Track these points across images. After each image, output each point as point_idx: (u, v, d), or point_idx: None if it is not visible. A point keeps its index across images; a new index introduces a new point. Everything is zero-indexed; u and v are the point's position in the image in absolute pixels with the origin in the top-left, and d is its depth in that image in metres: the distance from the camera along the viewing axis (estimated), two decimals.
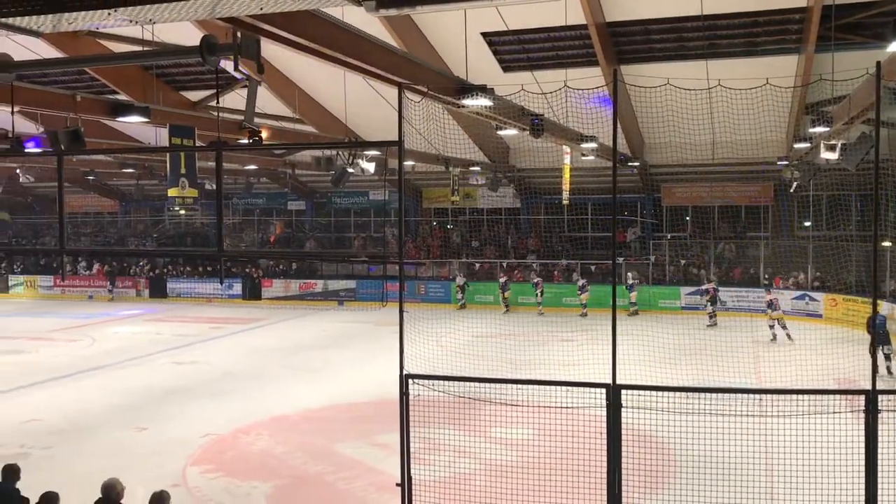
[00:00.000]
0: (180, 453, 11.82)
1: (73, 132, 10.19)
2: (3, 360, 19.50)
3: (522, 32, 19.04)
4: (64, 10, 4.42)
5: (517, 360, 17.10)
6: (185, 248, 35.08)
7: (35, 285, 34.19)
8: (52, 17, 4.56)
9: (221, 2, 4.25)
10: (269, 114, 21.58)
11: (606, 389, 6.69)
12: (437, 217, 34.56)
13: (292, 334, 23.90)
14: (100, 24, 4.83)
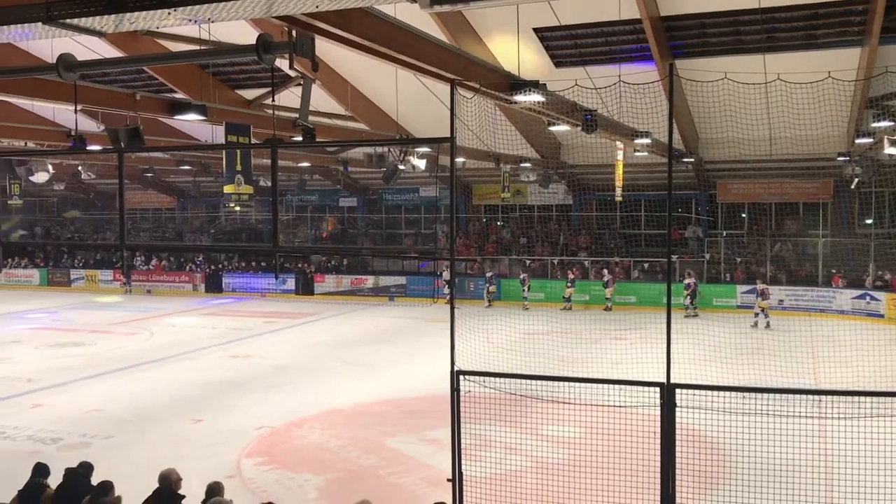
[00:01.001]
0: (235, 445, 12.04)
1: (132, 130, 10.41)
2: (66, 353, 20.09)
3: (575, 27, 18.86)
4: (125, 11, 4.53)
5: (568, 357, 16.98)
6: (241, 244, 35.68)
7: (95, 280, 35.15)
8: (115, 17, 4.67)
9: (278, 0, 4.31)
10: (322, 111, 21.80)
11: (660, 388, 6.60)
12: (488, 214, 34.50)
13: (344, 329, 24.12)
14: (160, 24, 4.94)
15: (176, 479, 6.73)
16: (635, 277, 27.94)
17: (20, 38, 5.77)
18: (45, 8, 4.73)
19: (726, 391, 7.08)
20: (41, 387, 16.10)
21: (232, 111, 17.77)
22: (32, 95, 12.62)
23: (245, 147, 14.85)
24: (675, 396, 6.61)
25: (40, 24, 4.85)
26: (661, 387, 6.61)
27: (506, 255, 30.99)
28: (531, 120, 20.70)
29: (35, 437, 12.52)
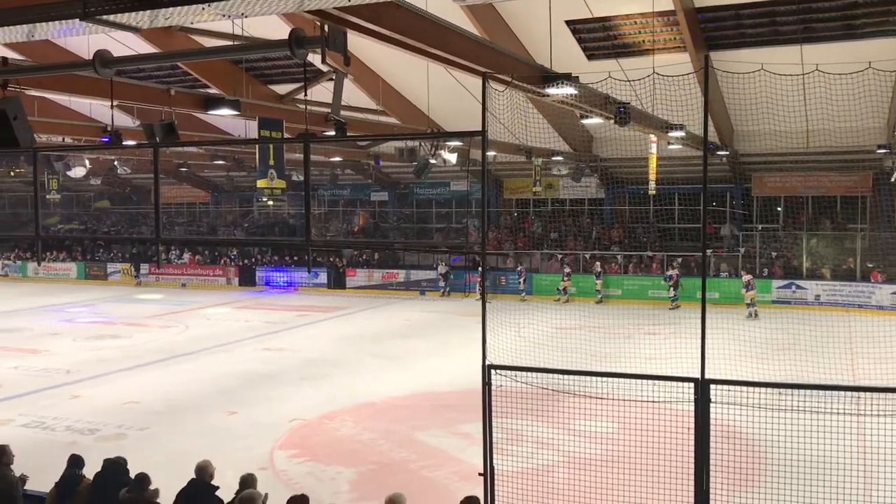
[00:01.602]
0: (268, 437, 12.15)
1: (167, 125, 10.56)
2: (103, 345, 20.42)
3: (608, 19, 18.71)
4: (160, 6, 4.57)
5: (601, 352, 16.87)
6: (275, 238, 36.00)
7: (131, 273, 35.67)
8: (150, 13, 4.72)
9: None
10: (353, 106, 21.87)
11: (695, 384, 6.52)
12: (519, 208, 34.40)
13: (375, 323, 24.22)
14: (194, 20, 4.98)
15: (211, 471, 6.81)
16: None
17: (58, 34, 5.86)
18: (82, 4, 4.79)
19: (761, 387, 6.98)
20: (79, 378, 16.39)
21: (265, 106, 17.89)
22: (70, 91, 12.81)
23: (278, 142, 14.95)
24: (710, 392, 6.53)
25: (77, 21, 4.92)
26: (696, 382, 6.53)
27: (537, 249, 30.88)
28: (563, 113, 20.56)
29: (73, 428, 12.75)
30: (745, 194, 29.60)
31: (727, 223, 29.56)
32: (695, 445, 6.60)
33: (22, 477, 7.23)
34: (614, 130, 18.58)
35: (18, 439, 10.94)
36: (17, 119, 7.69)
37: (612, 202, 32.08)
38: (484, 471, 7.19)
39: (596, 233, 31.46)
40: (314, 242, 19.03)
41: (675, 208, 30.16)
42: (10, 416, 13.40)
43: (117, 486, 6.83)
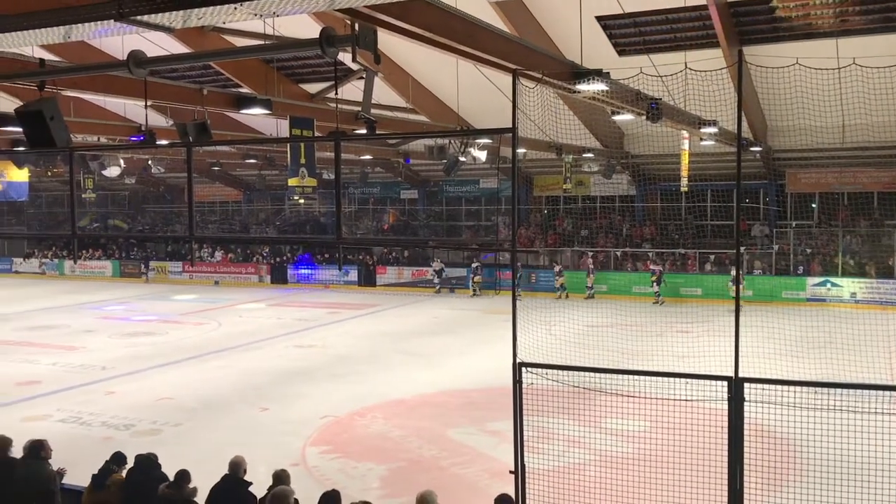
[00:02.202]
0: (299, 434, 12.24)
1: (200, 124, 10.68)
2: (138, 342, 20.71)
3: (638, 15, 18.55)
4: (194, 6, 4.62)
5: (632, 350, 16.78)
6: (306, 236, 36.26)
7: (165, 271, 36.15)
8: (183, 13, 4.77)
9: None
10: (383, 104, 21.92)
11: (728, 382, 6.45)
12: (549, 205, 34.27)
13: (405, 320, 24.28)
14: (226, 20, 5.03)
15: (245, 467, 6.88)
16: (708, 270, 27.45)
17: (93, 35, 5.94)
18: (117, 5, 4.85)
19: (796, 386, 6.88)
20: (115, 375, 16.64)
21: (295, 105, 18.01)
22: (105, 92, 13.00)
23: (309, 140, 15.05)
24: (744, 391, 6.45)
25: (112, 22, 4.99)
26: (729, 381, 6.45)
27: (567, 246, 30.75)
28: (594, 109, 20.44)
29: (109, 424, 12.95)
30: (779, 191, 29.19)
31: (759, 221, 29.19)
32: (728, 444, 6.52)
33: (60, 471, 7.35)
34: (646, 127, 18.41)
35: (56, 434, 11.12)
36: (54, 119, 7.82)
37: (643, 199, 31.83)
38: (515, 469, 7.18)
39: (627, 230, 31.24)
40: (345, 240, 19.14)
41: (708, 205, 29.84)
42: (49, 412, 13.65)
43: (150, 482, 6.92)
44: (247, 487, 6.75)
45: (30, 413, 13.55)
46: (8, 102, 15.77)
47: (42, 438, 7.44)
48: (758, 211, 29.54)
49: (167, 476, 7.02)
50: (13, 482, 7.07)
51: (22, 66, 10.14)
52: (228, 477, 6.83)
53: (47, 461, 7.23)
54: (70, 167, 10.85)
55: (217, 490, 6.80)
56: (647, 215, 31.72)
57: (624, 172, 30.09)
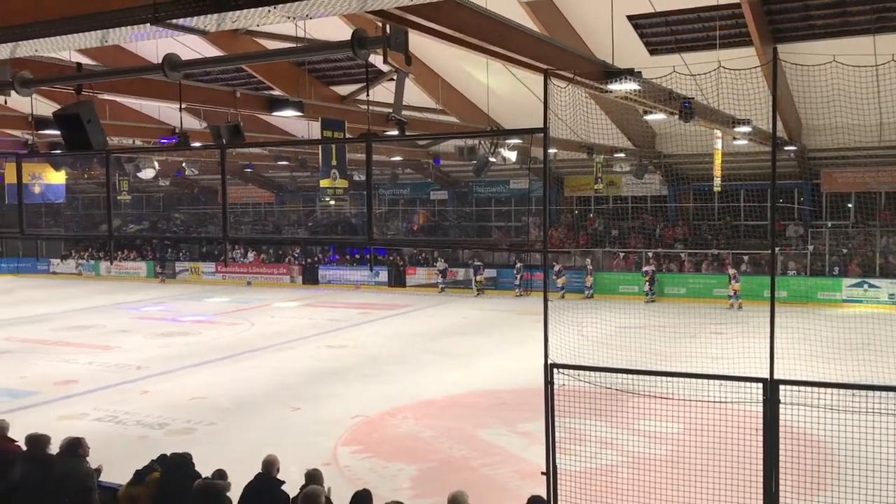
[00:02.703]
0: (331, 433, 12.32)
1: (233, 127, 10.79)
2: (172, 342, 20.97)
3: (670, 14, 18.39)
4: (228, 10, 4.68)
5: (664, 352, 16.63)
6: (337, 236, 36.49)
7: (199, 271, 36.57)
8: (218, 16, 4.83)
9: None
10: (413, 105, 21.98)
11: (763, 384, 6.37)
12: (580, 206, 34.11)
13: (435, 321, 24.32)
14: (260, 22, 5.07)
15: (278, 466, 6.94)
16: (743, 271, 27.14)
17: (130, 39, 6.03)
18: (153, 9, 4.93)
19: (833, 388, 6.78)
20: (149, 374, 16.87)
21: (327, 107, 18.12)
22: (140, 95, 13.19)
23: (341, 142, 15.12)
24: (779, 393, 6.37)
25: (148, 25, 5.06)
26: (764, 382, 6.37)
27: (599, 247, 30.59)
28: (625, 109, 20.31)
29: (144, 423, 13.13)
30: (814, 190, 28.77)
31: (794, 221, 28.78)
32: (763, 447, 6.45)
33: (98, 468, 7.47)
34: (678, 126, 18.25)
35: (92, 433, 11.31)
36: (91, 122, 7.95)
37: (675, 199, 31.55)
38: (546, 470, 7.15)
39: (659, 230, 31.00)
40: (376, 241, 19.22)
41: (741, 205, 29.49)
42: (85, 410, 13.88)
43: (183, 480, 7.00)
44: (279, 486, 6.80)
45: (67, 412, 13.78)
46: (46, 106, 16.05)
47: (80, 436, 7.56)
48: (792, 211, 29.13)
49: (200, 475, 7.10)
50: (51, 479, 7.20)
51: (60, 70, 10.33)
52: (262, 476, 6.89)
53: (85, 458, 7.35)
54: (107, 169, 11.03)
55: (250, 488, 6.86)
56: (679, 215, 31.44)
57: (656, 172, 29.86)
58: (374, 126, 17.41)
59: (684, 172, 29.18)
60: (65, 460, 7.29)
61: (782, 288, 24.51)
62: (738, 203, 29.42)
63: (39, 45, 6.24)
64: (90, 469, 7.29)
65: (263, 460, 6.94)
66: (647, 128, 25.55)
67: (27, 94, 9.07)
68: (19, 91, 8.64)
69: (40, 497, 7.10)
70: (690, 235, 30.03)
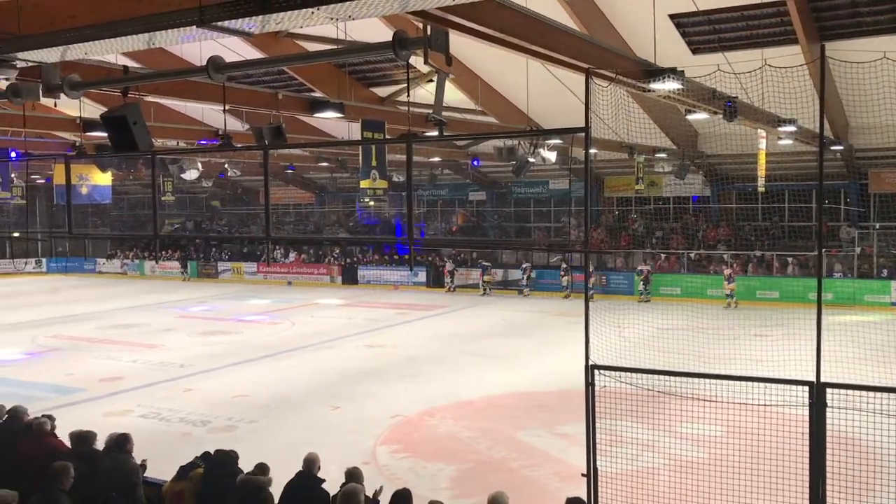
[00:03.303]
0: (370, 432, 12.37)
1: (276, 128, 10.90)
2: (215, 340, 21.27)
3: (713, 12, 18.17)
4: (272, 11, 4.73)
5: (706, 354, 16.39)
6: (377, 237, 36.73)
7: (241, 271, 37.05)
8: (262, 18, 4.89)
9: None
10: (452, 106, 22.00)
11: (809, 387, 6.25)
12: (620, 206, 33.84)
13: (474, 322, 24.30)
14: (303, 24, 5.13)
15: (319, 465, 7.00)
16: (789, 272, 26.73)
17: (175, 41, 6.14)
18: (199, 12, 5.01)
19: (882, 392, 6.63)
20: (192, 372, 17.12)
21: (367, 108, 18.23)
22: (184, 97, 13.41)
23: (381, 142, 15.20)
24: (826, 396, 6.25)
25: (194, 28, 5.15)
26: (811, 386, 6.26)
27: (640, 248, 30.32)
28: (667, 109, 20.11)
29: (187, 420, 13.33)
30: (862, 191, 28.16)
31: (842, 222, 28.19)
32: (810, 452, 6.33)
33: (143, 463, 7.61)
34: (721, 126, 18.01)
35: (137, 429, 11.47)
36: (137, 124, 8.08)
37: (718, 200, 31.14)
38: (587, 471, 7.11)
39: (702, 231, 30.62)
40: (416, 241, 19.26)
41: (786, 206, 29.00)
42: (130, 407, 14.13)
43: (227, 477, 7.09)
44: (320, 484, 6.86)
45: (112, 408, 14.05)
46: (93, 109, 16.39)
47: (126, 432, 7.70)
48: (839, 212, 28.56)
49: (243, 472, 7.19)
50: (98, 473, 7.34)
51: (107, 73, 10.54)
52: (302, 474, 6.95)
53: (130, 454, 7.49)
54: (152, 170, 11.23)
55: (291, 486, 6.93)
56: (721, 216, 31.02)
57: (698, 172, 29.49)
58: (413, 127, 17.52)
59: (727, 172, 28.78)
60: (111, 456, 7.43)
61: (828, 290, 24.04)
62: (783, 204, 28.92)
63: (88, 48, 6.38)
64: (136, 464, 7.42)
65: (304, 458, 7.01)
66: (689, 127, 25.26)
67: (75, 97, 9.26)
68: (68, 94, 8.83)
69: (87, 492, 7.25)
70: (733, 237, 29.60)
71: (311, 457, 7.00)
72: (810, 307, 6.82)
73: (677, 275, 28.06)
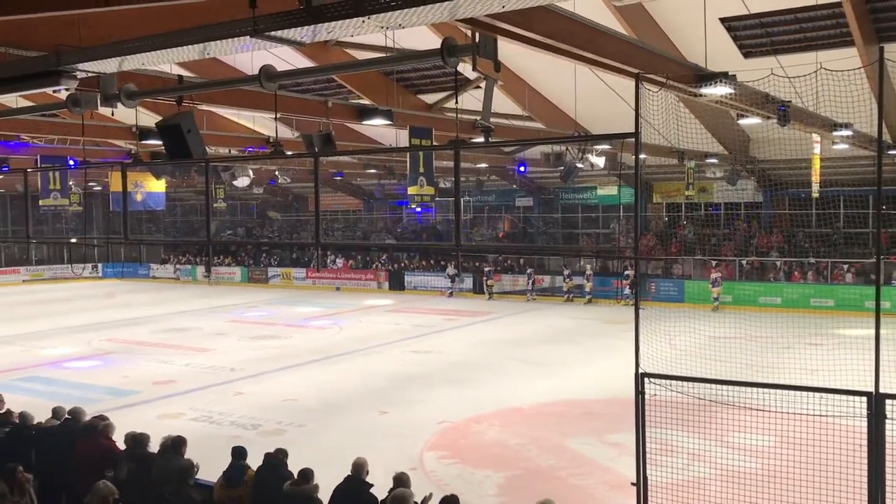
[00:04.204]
0: (417, 438, 12.40)
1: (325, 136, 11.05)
2: (265, 345, 21.56)
3: (765, 15, 17.84)
4: (324, 21, 4.80)
5: (758, 363, 16.11)
6: (425, 243, 36.89)
7: (290, 277, 37.51)
8: (314, 27, 4.97)
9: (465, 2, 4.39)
10: (498, 112, 21.97)
11: (868, 398, 6.10)
12: (670, 213, 33.42)
13: (521, 328, 24.21)
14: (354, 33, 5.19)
15: (367, 469, 7.04)
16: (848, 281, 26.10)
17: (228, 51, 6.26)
18: (252, 22, 5.11)
19: None
20: (242, 376, 17.38)
21: (414, 115, 18.32)
22: (237, 105, 13.66)
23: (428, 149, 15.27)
24: (885, 407, 6.09)
25: (248, 38, 5.25)
26: (869, 396, 6.10)
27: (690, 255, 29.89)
28: (718, 113, 19.80)
29: (237, 423, 13.52)
30: None
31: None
32: (868, 464, 6.17)
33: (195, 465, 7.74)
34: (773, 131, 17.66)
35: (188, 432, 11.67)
36: (191, 132, 8.27)
37: (770, 206, 30.55)
38: (637, 481, 7.03)
39: (754, 238, 30.08)
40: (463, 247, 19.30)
41: (841, 211, 28.31)
42: (182, 410, 14.39)
43: (278, 480, 7.18)
44: (369, 489, 6.90)
45: (165, 411, 14.32)
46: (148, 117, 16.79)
47: (181, 435, 7.86)
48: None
49: (293, 475, 7.27)
50: (152, 474, 7.50)
51: (162, 83, 10.79)
52: (351, 478, 7.00)
53: (184, 456, 7.63)
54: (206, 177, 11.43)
55: (340, 490, 6.99)
56: (774, 223, 30.42)
57: (750, 178, 28.98)
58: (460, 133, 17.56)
59: (780, 178, 28.22)
60: (166, 457, 7.59)
61: (886, 298, 23.38)
62: (838, 210, 28.25)
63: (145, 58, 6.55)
64: (189, 465, 7.56)
65: (353, 463, 7.06)
66: (741, 132, 24.85)
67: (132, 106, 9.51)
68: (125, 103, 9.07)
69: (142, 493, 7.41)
70: (786, 243, 29.00)
71: (360, 461, 7.04)
72: (867, 316, 6.66)
73: (728, 283, 27.54)
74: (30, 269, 41.95)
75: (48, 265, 42.83)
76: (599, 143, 20.44)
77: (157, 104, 16.81)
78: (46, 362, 19.25)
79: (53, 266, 42.63)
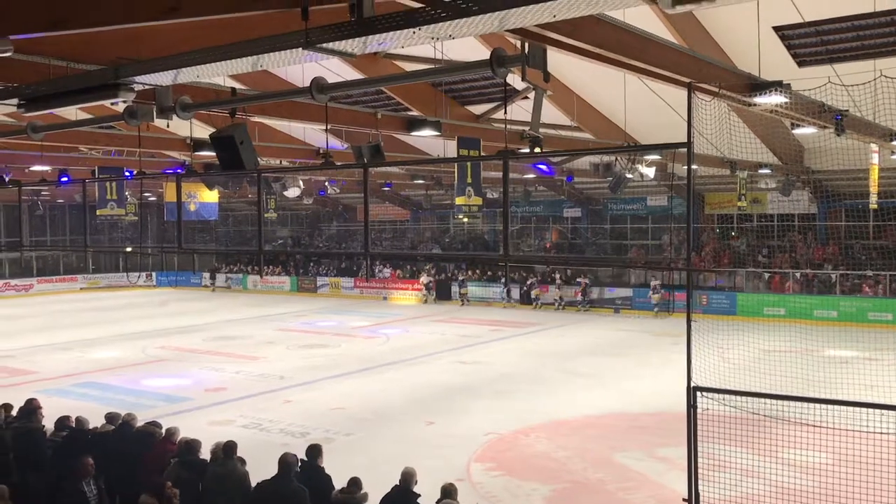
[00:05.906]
0: (464, 449, 12.38)
1: (374, 147, 11.11)
2: (313, 353, 21.76)
3: (820, 23, 17.49)
4: (375, 32, 4.86)
5: (813, 378, 15.68)
6: (473, 252, 36.92)
7: (338, 286, 37.85)
8: (364, 39, 5.02)
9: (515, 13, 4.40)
10: (546, 122, 21.90)
11: None
12: (721, 224, 32.89)
13: (568, 340, 24.02)
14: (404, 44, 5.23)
15: (416, 479, 7.05)
16: None
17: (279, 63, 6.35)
18: (304, 34, 5.18)
19: None
20: (291, 384, 17.56)
21: (462, 126, 18.36)
22: (288, 117, 13.85)
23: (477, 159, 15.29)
24: None
25: (300, 50, 5.33)
26: None
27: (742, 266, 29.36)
28: (771, 123, 19.46)
29: (286, 431, 13.66)
30: None
31: None
32: None
33: None
34: (828, 140, 17.29)
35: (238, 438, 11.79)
36: (244, 144, 8.41)
37: (825, 217, 29.87)
38: (688, 496, 6.91)
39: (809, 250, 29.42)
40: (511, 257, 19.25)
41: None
42: (232, 417, 14.60)
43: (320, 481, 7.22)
44: (416, 499, 6.91)
45: (216, 418, 14.55)
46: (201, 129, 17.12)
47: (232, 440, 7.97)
48: None
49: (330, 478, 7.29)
50: (206, 479, 7.62)
51: (216, 95, 11.01)
52: (399, 487, 7.02)
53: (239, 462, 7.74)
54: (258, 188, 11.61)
55: (388, 499, 7.01)
56: (829, 234, 29.71)
57: (804, 189, 28.38)
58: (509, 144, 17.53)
59: (836, 189, 27.58)
60: (220, 462, 7.70)
61: None
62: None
63: (200, 70, 6.68)
64: (246, 472, 7.66)
65: (402, 472, 7.08)
66: (795, 142, 24.37)
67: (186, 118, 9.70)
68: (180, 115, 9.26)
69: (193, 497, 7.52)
70: (842, 255, 28.30)
71: (409, 471, 7.06)
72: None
73: (782, 295, 26.98)
74: (87, 278, 43.06)
75: (104, 273, 43.89)
76: (649, 154, 20.25)
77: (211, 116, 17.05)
78: (101, 368, 19.71)
79: (109, 274, 43.67)
